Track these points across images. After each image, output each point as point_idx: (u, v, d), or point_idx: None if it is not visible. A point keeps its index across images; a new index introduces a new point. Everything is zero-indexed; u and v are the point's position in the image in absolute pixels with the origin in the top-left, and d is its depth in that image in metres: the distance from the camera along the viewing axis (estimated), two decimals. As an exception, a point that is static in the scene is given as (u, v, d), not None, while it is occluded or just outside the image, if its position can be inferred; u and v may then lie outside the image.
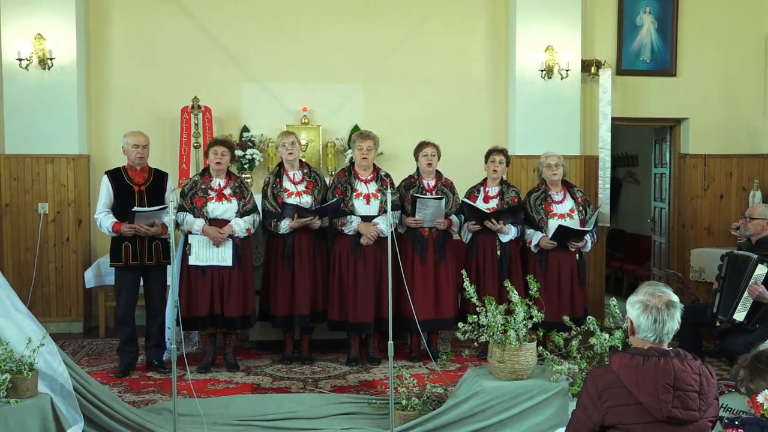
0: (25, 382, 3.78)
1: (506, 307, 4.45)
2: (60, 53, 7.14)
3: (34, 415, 3.75)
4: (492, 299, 4.47)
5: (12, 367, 3.76)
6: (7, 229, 7.23)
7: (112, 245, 5.76)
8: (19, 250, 7.24)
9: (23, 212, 7.25)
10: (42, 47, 7.06)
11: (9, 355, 3.78)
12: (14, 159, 7.21)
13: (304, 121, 7.78)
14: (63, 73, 7.19)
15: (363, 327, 6.01)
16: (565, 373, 4.38)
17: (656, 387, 2.70)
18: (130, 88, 7.67)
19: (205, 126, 7.54)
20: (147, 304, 5.89)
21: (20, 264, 7.23)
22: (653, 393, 2.70)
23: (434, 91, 7.97)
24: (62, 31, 7.17)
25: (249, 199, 5.87)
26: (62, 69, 7.18)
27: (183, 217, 5.73)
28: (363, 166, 6.07)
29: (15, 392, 3.74)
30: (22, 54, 7.01)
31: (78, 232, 7.33)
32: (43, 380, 3.93)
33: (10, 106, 7.17)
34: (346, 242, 5.95)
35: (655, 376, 2.72)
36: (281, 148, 6.05)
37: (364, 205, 5.99)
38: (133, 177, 5.78)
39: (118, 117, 7.60)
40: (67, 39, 7.19)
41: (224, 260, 5.70)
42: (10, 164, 7.21)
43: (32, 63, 7.08)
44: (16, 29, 7.09)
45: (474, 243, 6.17)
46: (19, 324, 3.98)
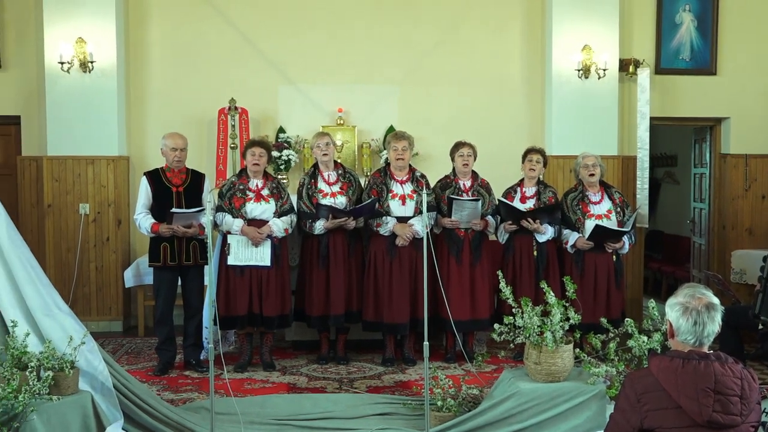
0: (66, 380, 3.85)
1: (543, 309, 4.42)
2: (100, 56, 7.27)
3: (76, 412, 3.82)
4: (528, 300, 4.44)
5: (54, 364, 3.83)
6: (49, 230, 7.38)
7: (150, 246, 5.84)
8: (60, 250, 7.38)
9: (65, 213, 7.38)
10: (83, 50, 7.19)
11: (51, 353, 3.85)
12: (56, 161, 7.35)
13: (340, 122, 7.81)
14: (103, 76, 7.31)
15: (398, 328, 6.01)
16: (603, 376, 4.33)
17: (696, 391, 2.67)
18: (168, 90, 7.77)
19: (242, 127, 7.60)
20: (185, 304, 5.95)
21: (62, 264, 7.37)
22: (693, 397, 2.66)
23: (470, 91, 7.94)
24: (102, 34, 7.29)
25: (286, 199, 5.91)
26: (102, 72, 7.30)
27: (222, 217, 5.79)
28: (398, 166, 6.06)
29: (57, 389, 3.81)
30: (64, 57, 7.14)
31: (118, 233, 7.45)
32: (84, 378, 4.00)
33: (52, 108, 7.30)
34: (382, 243, 5.96)
35: (695, 379, 2.68)
36: (316, 149, 6.08)
37: (400, 205, 5.99)
38: (171, 178, 5.85)
39: (157, 118, 7.70)
40: (107, 42, 7.31)
41: (263, 260, 5.74)
42: (53, 166, 7.35)
43: (73, 66, 7.21)
44: (58, 33, 7.22)
45: (510, 243, 6.13)
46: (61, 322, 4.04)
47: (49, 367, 3.81)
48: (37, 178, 7.52)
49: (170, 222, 5.65)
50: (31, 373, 3.70)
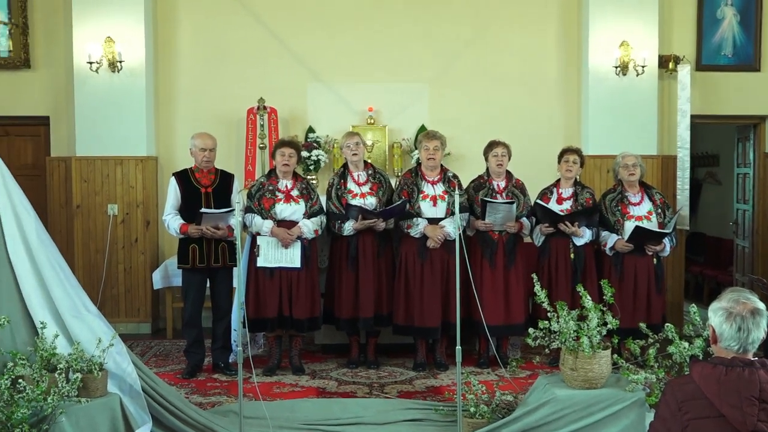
0: (95, 382, 3.89)
1: (579, 313, 4.38)
2: (129, 56, 7.35)
3: (104, 415, 3.86)
4: (564, 304, 4.40)
5: (83, 366, 3.88)
6: (78, 231, 7.48)
7: (179, 247, 5.89)
8: (89, 251, 7.48)
9: (93, 214, 7.48)
10: (112, 50, 7.28)
11: (80, 355, 3.90)
12: (85, 161, 7.45)
13: (370, 122, 7.82)
14: (132, 76, 7.40)
15: (430, 332, 5.99)
16: (642, 383, 4.28)
17: (740, 399, 2.62)
18: (197, 89, 7.84)
19: (271, 127, 7.64)
20: (213, 306, 5.99)
21: (90, 265, 7.47)
22: (737, 405, 2.62)
23: (503, 89, 7.91)
24: (131, 33, 7.38)
25: (316, 200, 5.93)
26: (131, 71, 7.39)
27: (251, 218, 5.82)
28: (430, 166, 6.05)
29: (86, 392, 3.85)
30: (93, 57, 7.24)
31: (146, 234, 7.53)
32: (113, 380, 4.04)
33: (81, 109, 7.41)
34: (413, 245, 5.95)
35: (738, 387, 2.64)
36: (345, 149, 6.09)
37: (431, 207, 5.97)
38: (200, 179, 5.90)
39: (185, 118, 7.78)
40: (136, 42, 7.40)
41: (293, 261, 5.76)
42: (81, 166, 7.45)
43: (102, 66, 7.30)
44: (86, 33, 7.32)
45: (546, 246, 6.09)
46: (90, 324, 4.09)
47: (78, 369, 3.85)
48: (66, 178, 7.63)
49: (199, 223, 5.70)
50: (60, 375, 3.75)
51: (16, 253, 4.06)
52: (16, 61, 7.66)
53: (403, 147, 7.82)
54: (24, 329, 3.97)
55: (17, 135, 7.95)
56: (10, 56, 7.67)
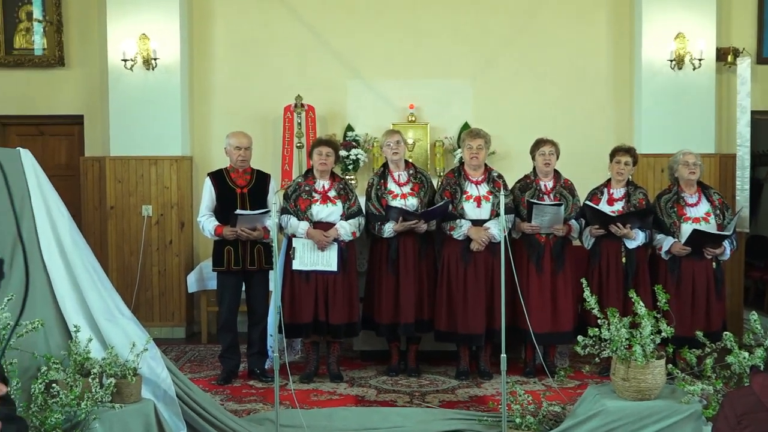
0: (129, 387, 3.94)
1: (631, 320, 4.34)
2: (164, 53, 7.46)
3: (138, 421, 3.90)
4: (615, 311, 4.36)
5: (117, 371, 3.93)
6: (112, 232, 7.60)
7: (214, 249, 5.95)
8: (123, 253, 7.60)
9: (127, 215, 7.60)
10: (146, 47, 7.39)
11: (114, 360, 3.95)
12: (119, 161, 7.57)
13: (411, 119, 7.82)
14: (167, 73, 7.50)
15: (473, 338, 5.97)
16: (698, 395, 4.22)
17: (805, 412, 2.57)
18: (233, 87, 7.92)
19: (309, 125, 7.69)
20: (249, 310, 6.05)
21: (124, 267, 7.59)
22: (801, 419, 2.57)
23: (550, 85, 7.86)
24: (166, 30, 7.49)
25: (354, 201, 5.95)
26: (166, 69, 7.49)
27: (287, 220, 5.85)
28: (473, 166, 6.03)
29: (119, 397, 3.90)
30: (127, 54, 7.36)
31: (181, 235, 7.63)
32: (147, 386, 4.09)
33: (115, 107, 7.53)
34: (455, 247, 5.93)
35: (803, 400, 2.59)
36: (386, 148, 6.10)
37: (475, 208, 5.95)
38: (235, 179, 5.95)
39: (221, 117, 7.86)
40: (171, 39, 7.50)
41: (329, 265, 5.78)
42: (115, 166, 7.57)
43: (137, 63, 7.42)
44: (121, 30, 7.44)
45: (597, 249, 6.02)
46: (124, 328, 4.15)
47: (112, 374, 3.90)
48: (100, 178, 7.76)
49: (234, 224, 5.74)
50: (93, 380, 3.80)
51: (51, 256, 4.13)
52: (51, 60, 7.83)
53: (445, 145, 7.81)
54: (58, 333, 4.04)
55: (51, 134, 8.12)
56: (45, 54, 7.85)
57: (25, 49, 7.88)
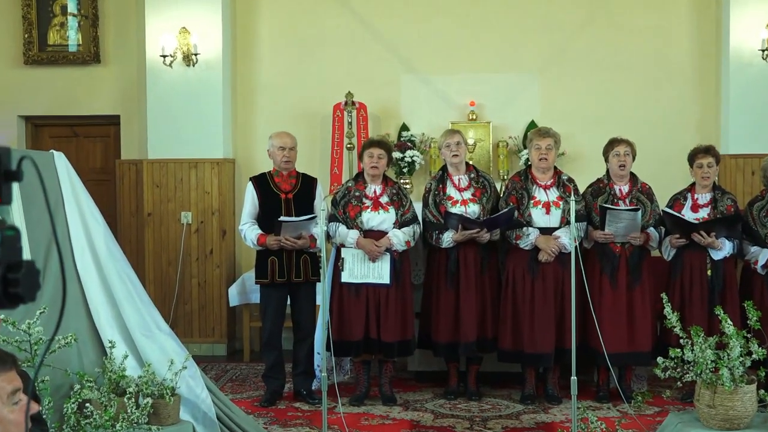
0: (167, 408, 4.00)
1: (718, 340, 4.26)
2: (205, 48, 7.57)
3: (176, 444, 3.97)
4: (700, 330, 4.29)
5: (154, 390, 3.98)
6: (149, 241, 7.74)
7: (257, 260, 6.00)
8: (161, 263, 7.73)
9: (165, 222, 7.73)
10: (187, 42, 7.52)
11: (151, 378, 4.01)
12: (157, 164, 7.71)
13: (472, 118, 7.82)
14: (208, 69, 7.62)
15: (541, 359, 5.93)
16: (795, 425, 4.12)
17: None
18: (279, 84, 8.00)
19: (360, 125, 7.74)
20: (294, 326, 6.08)
21: (162, 278, 7.71)
22: None
23: (626, 78, 7.80)
24: (208, 24, 7.60)
25: (408, 207, 5.96)
26: (207, 65, 7.61)
27: (335, 228, 5.88)
28: (542, 168, 6.00)
29: (156, 418, 3.96)
30: (166, 50, 7.48)
31: (222, 245, 7.73)
32: (185, 406, 4.15)
33: (153, 106, 7.67)
34: (522, 258, 5.90)
35: None
36: (445, 149, 6.10)
37: (543, 215, 5.92)
38: (279, 183, 6.01)
39: (266, 116, 7.95)
40: (212, 32, 7.62)
41: (381, 277, 5.80)
42: (153, 170, 7.71)
43: (176, 59, 7.54)
44: (160, 24, 7.57)
45: (678, 261, 5.93)
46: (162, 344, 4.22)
47: (149, 393, 3.96)
48: (137, 183, 7.90)
49: (278, 233, 5.78)
50: (129, 400, 3.87)
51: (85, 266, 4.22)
52: (86, 56, 8.00)
53: (509, 146, 7.79)
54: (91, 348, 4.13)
55: (86, 136, 8.31)
56: (79, 50, 8.02)
57: (59, 45, 8.07)
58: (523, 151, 7.52)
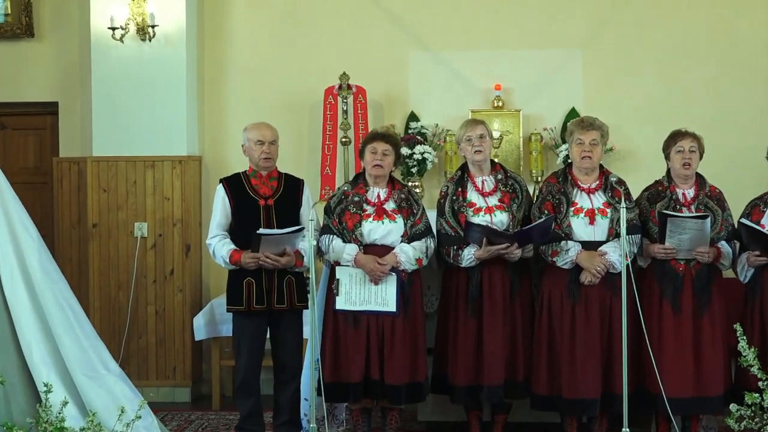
0: (116, 468, 3.97)
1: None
2: (165, 19, 7.53)
3: None
4: (785, 370, 4.28)
5: (100, 445, 3.95)
6: (94, 259, 7.69)
7: (229, 282, 5.98)
8: (109, 287, 7.69)
9: (115, 236, 7.68)
10: (141, 11, 7.46)
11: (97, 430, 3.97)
12: (105, 163, 7.67)
13: (498, 105, 7.83)
14: (168, 45, 7.59)
15: (585, 406, 5.88)
16: None
17: None
18: (256, 65, 8.00)
19: (358, 114, 7.74)
20: (276, 365, 6.06)
21: (110, 306, 7.67)
22: None
23: (688, 59, 7.84)
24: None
25: (420, 216, 5.94)
26: (167, 39, 7.58)
27: (328, 242, 5.86)
28: (585, 168, 5.97)
29: (103, 481, 3.93)
30: (116, 21, 7.42)
31: (185, 263, 7.69)
32: (140, 466, 4.12)
33: (99, 91, 7.63)
34: (560, 280, 5.88)
35: None
36: (465, 144, 6.07)
37: (587, 225, 5.90)
38: (257, 186, 5.99)
39: (240, 104, 7.94)
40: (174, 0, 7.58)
41: (385, 304, 5.77)
42: (100, 171, 7.67)
43: (128, 32, 7.49)
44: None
45: (757, 283, 5.89)
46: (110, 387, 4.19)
47: (93, 449, 3.93)
48: (79, 187, 7.86)
49: (256, 248, 5.76)
50: (69, 457, 3.83)
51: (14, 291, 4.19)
52: (16, 29, 7.96)
53: (544, 140, 7.80)
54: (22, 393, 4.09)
55: (15, 128, 8.28)
56: (8, 22, 7.97)
57: (-19, 16, 8.04)
58: (562, 146, 7.53)
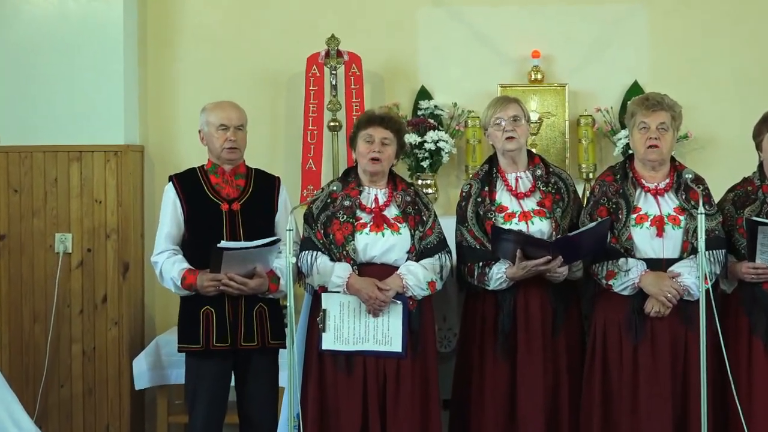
0: None
1: None
2: (94, -33, 7.57)
3: None
4: None
5: None
6: (1, 282, 7.68)
7: (181, 313, 5.99)
8: (21, 319, 7.68)
9: (29, 251, 7.68)
10: (63, -43, 7.52)
11: None
12: (15, 155, 7.67)
13: (536, 78, 7.87)
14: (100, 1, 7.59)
15: (649, 474, 5.89)
16: None
17: None
18: (217, 28, 8.04)
19: (351, 90, 7.75)
20: (243, 423, 6.08)
21: (23, 344, 7.66)
22: None
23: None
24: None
25: (431, 225, 5.94)
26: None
27: (311, 260, 5.83)
28: (650, 162, 5.96)
29: None
30: (29, -31, 7.48)
31: (122, 288, 7.67)
32: None
33: (7, 61, 7.66)
34: (618, 310, 5.87)
35: None
36: (493, 130, 6.05)
37: (653, 237, 5.88)
38: (218, 186, 5.99)
39: (196, 78, 7.99)
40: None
41: (388, 342, 5.75)
42: (9, 165, 7.68)
43: (46, -17, 7.54)
44: None
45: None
46: (23, 453, 4.19)
47: None
48: (-18, 186, 7.88)
49: (217, 267, 5.74)
50: None
51: None
52: None
53: (597, 125, 7.83)
54: None
55: None
56: None
57: None
58: (620, 133, 7.56)
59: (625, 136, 6.94)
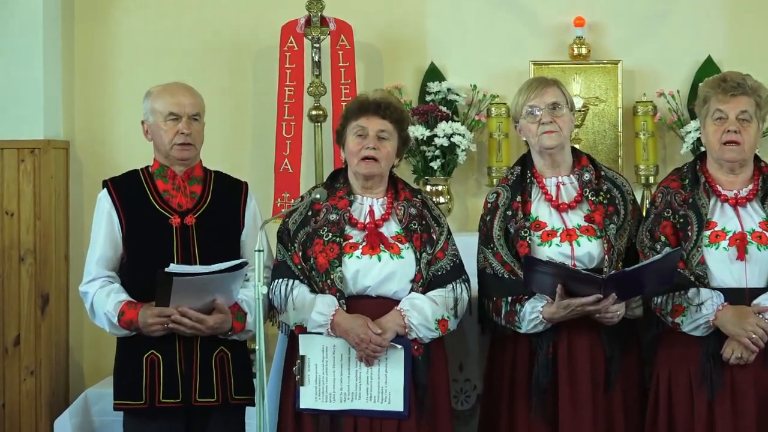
0: None
1: None
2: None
3: None
4: None
5: None
6: None
7: (118, 359, 6.00)
8: None
9: None
10: None
11: None
12: None
13: (580, 53, 7.90)
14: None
15: None
16: None
17: None
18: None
19: (339, 69, 7.76)
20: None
21: None
22: None
23: None
24: None
25: (443, 246, 5.92)
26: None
27: (285, 291, 5.82)
28: (728, 161, 5.93)
29: None
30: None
31: (41, 326, 7.66)
32: None
33: None
34: (689, 356, 5.86)
35: None
36: (526, 121, 6.05)
37: (732, 261, 5.87)
38: (167, 194, 5.99)
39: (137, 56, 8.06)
40: None
41: (386, 399, 5.75)
42: None
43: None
44: None
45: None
46: None
47: None
48: None
49: (165, 300, 5.72)
50: None
51: None
52: None
53: (660, 114, 7.84)
54: None
55: None
56: None
57: None
58: (690, 124, 7.58)
59: (696, 128, 6.96)
